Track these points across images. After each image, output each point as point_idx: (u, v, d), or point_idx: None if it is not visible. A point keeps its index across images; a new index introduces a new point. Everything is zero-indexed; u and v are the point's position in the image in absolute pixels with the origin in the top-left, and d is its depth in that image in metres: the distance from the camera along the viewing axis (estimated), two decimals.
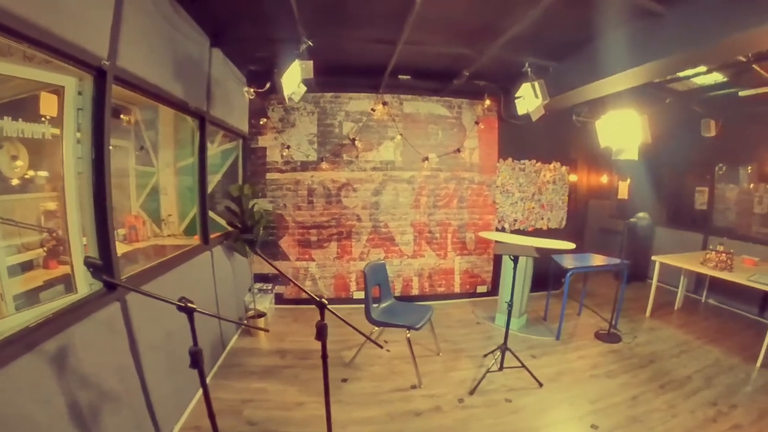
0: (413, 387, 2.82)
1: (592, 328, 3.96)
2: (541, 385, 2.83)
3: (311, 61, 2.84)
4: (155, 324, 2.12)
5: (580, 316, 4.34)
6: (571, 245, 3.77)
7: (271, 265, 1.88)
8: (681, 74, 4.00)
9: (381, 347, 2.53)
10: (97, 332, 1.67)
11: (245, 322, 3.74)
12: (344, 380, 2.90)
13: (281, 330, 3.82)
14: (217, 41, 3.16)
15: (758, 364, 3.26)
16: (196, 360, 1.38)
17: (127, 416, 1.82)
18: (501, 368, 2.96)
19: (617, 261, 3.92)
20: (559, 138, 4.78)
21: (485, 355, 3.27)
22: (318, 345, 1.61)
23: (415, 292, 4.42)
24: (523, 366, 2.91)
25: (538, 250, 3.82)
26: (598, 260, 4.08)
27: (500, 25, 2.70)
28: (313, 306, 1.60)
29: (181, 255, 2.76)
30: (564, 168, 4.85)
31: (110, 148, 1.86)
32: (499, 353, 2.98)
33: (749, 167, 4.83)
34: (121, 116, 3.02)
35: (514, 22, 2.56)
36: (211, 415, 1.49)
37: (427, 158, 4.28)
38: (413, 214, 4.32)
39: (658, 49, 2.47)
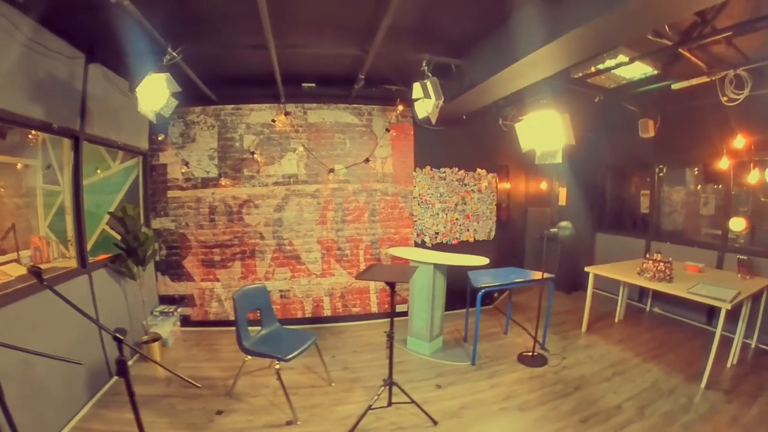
0: (288, 423, 2.58)
1: (518, 349, 3.64)
2: (435, 423, 2.54)
3: (167, 73, 2.69)
4: (3, 351, 2.00)
5: (507, 335, 4.03)
6: (485, 260, 3.48)
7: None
8: (602, 66, 3.65)
9: (197, 387, 2.32)
10: None
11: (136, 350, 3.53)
12: (219, 412, 2.68)
13: (178, 355, 3.61)
14: (94, 57, 3.00)
15: (702, 384, 2.94)
16: None
17: None
18: (389, 404, 2.67)
19: (539, 275, 3.59)
20: (484, 143, 4.49)
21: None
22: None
23: (327, 313, 4.17)
24: (413, 402, 2.62)
25: (450, 267, 3.56)
26: (520, 275, 3.75)
27: (371, 17, 2.44)
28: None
29: (48, 279, 2.60)
30: (491, 175, 4.55)
31: None
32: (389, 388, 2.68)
33: (691, 167, 4.47)
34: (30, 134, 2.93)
35: (384, 12, 2.25)
36: None
37: (332, 170, 4.03)
38: (319, 230, 4.07)
39: (561, 25, 2.16)
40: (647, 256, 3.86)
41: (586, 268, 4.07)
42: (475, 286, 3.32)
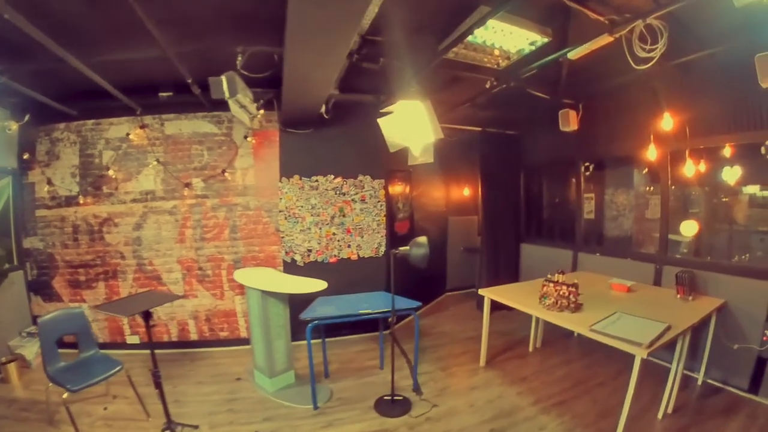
0: None
1: (385, 390, 2.94)
2: None
3: None
4: None
5: (383, 370, 3.39)
6: (322, 285, 2.96)
7: None
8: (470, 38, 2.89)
9: None
10: None
11: None
12: None
13: (36, 377, 3.48)
14: None
15: None
16: None
17: None
18: None
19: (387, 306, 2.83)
20: (369, 146, 3.93)
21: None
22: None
23: (193, 336, 3.86)
24: None
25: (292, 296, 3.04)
26: (378, 304, 3.06)
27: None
28: None
29: None
30: (377, 182, 3.98)
31: None
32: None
33: (623, 163, 3.58)
34: None
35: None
36: None
37: (189, 184, 3.72)
38: (179, 249, 3.77)
39: None
40: (548, 276, 3.12)
41: (480, 291, 3.40)
42: (302, 318, 2.80)
